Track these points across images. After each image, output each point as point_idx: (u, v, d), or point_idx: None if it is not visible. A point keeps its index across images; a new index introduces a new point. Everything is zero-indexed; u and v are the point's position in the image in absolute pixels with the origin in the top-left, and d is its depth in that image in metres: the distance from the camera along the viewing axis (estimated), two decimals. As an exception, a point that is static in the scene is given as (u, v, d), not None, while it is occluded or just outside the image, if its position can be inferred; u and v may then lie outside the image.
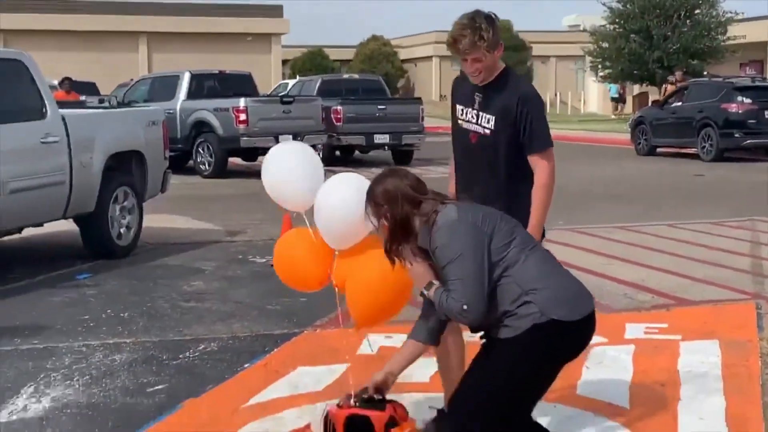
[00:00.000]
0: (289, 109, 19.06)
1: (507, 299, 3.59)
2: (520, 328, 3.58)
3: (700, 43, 35.10)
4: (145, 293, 8.21)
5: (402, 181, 3.82)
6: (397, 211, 3.75)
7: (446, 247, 3.61)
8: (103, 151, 9.56)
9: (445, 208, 3.71)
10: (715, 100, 21.99)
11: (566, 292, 3.61)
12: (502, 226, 3.66)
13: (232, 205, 14.36)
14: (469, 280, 3.55)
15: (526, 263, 3.60)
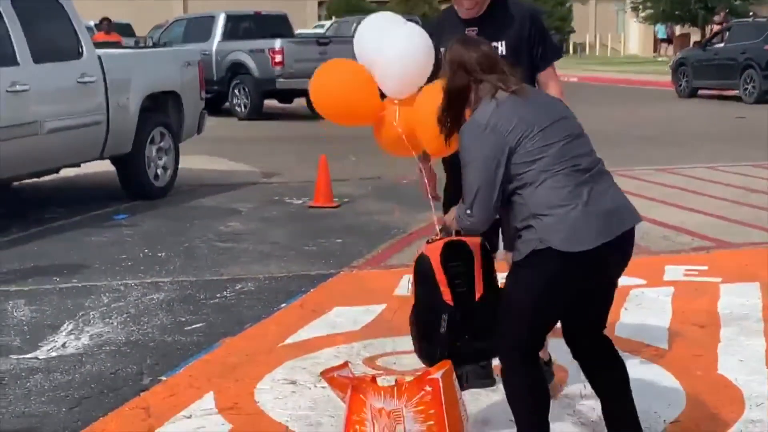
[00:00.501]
0: (325, 50, 18.89)
1: (517, 217, 3.50)
2: (521, 252, 3.50)
3: (744, -17, 34.44)
4: (182, 233, 8.24)
5: (468, 51, 3.65)
6: (452, 80, 3.63)
7: (464, 149, 3.53)
8: (140, 91, 9.55)
9: (488, 102, 3.54)
10: (758, 41, 21.55)
11: (573, 221, 3.39)
12: (536, 139, 3.44)
13: (267, 148, 14.34)
14: (474, 186, 3.48)
15: (540, 187, 3.42)
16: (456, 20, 4.41)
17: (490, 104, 3.52)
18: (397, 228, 8.43)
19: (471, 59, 3.61)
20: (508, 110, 3.49)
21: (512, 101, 3.52)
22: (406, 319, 4.00)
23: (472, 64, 3.60)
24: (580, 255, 3.40)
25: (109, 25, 20.35)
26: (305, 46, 19.30)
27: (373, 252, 7.57)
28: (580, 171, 3.47)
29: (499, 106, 3.51)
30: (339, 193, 9.81)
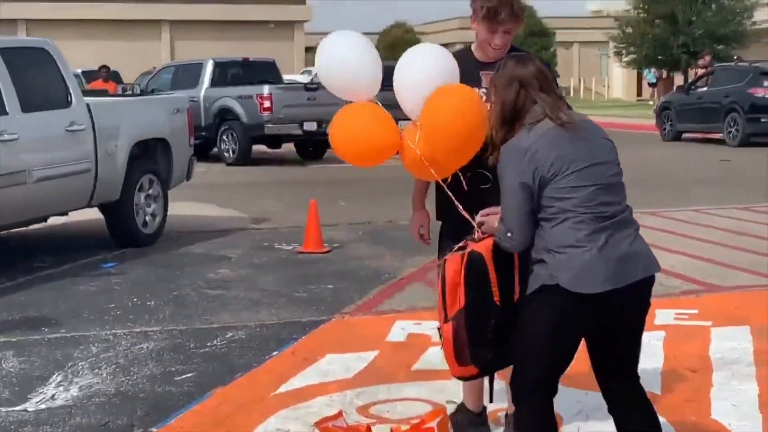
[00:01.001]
0: (313, 96, 18.98)
1: (537, 246, 3.54)
2: (532, 286, 3.55)
3: (726, 28, 34.77)
4: (171, 281, 8.20)
5: (525, 66, 3.67)
6: (507, 94, 3.64)
7: (502, 168, 3.57)
8: (129, 138, 9.55)
9: (533, 128, 3.56)
10: (741, 85, 21.76)
11: (584, 263, 3.43)
12: (569, 179, 3.48)
13: (256, 193, 14.35)
14: (513, 209, 3.53)
15: (559, 225, 3.48)
16: (472, 62, 4.40)
17: (535, 130, 3.55)
18: (388, 273, 8.42)
19: (528, 74, 3.64)
20: (550, 142, 3.52)
21: (556, 134, 3.54)
22: (398, 365, 3.99)
23: (529, 78, 3.63)
24: (588, 296, 3.43)
25: (107, 73, 20.36)
26: (294, 92, 19.39)
27: (365, 298, 7.55)
28: (603, 218, 3.50)
29: (543, 135, 3.53)
30: (329, 239, 9.81)
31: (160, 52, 48.76)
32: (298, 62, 49.64)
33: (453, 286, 3.76)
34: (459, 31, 64.10)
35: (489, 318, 3.71)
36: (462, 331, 3.75)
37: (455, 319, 3.76)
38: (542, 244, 3.51)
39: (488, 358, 3.76)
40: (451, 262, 3.78)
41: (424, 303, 7.30)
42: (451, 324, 3.76)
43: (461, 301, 3.73)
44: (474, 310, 3.72)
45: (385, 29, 65.03)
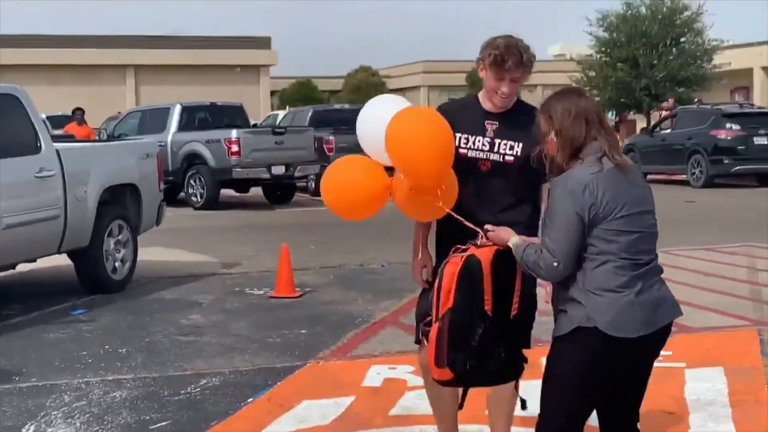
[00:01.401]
0: (281, 139, 19.05)
1: (569, 288, 3.59)
2: (564, 328, 3.60)
3: (687, 71, 35.22)
4: (142, 328, 8.13)
5: (586, 101, 3.73)
6: (572, 128, 3.65)
7: (557, 199, 3.59)
8: (98, 184, 9.50)
9: (593, 164, 3.60)
10: (704, 127, 22.07)
11: (622, 308, 3.53)
12: (618, 222, 3.56)
13: (226, 237, 14.29)
14: (563, 240, 3.54)
15: (600, 267, 3.56)
16: (478, 111, 4.39)
17: (594, 166, 3.60)
18: (361, 317, 8.40)
19: (592, 110, 3.69)
20: (608, 182, 3.58)
21: (614, 174, 3.61)
22: (376, 410, 3.97)
23: (593, 115, 3.68)
24: (623, 340, 3.52)
25: (82, 116, 20.25)
26: (261, 136, 19.44)
27: (339, 342, 7.52)
28: (639, 265, 3.61)
29: (601, 174, 3.59)
30: (300, 283, 9.78)
31: (125, 97, 48.72)
32: (264, 106, 49.73)
33: (447, 289, 3.76)
34: (423, 74, 64.65)
35: (475, 325, 3.71)
36: (445, 332, 3.74)
37: (442, 319, 3.76)
38: (580, 284, 3.57)
39: (467, 367, 3.74)
40: (450, 265, 3.79)
41: (399, 347, 7.29)
42: (438, 324, 3.76)
43: (450, 301, 3.74)
44: (460, 312, 3.72)
45: (350, 73, 65.32)
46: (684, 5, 35.85)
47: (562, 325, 3.63)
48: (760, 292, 9.38)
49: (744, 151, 21.64)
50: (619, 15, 36.19)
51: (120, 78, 49.84)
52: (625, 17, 36.01)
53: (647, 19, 35.56)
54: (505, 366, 3.84)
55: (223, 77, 49.37)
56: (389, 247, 12.76)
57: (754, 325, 7.91)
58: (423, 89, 64.88)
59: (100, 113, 37.10)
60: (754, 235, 13.24)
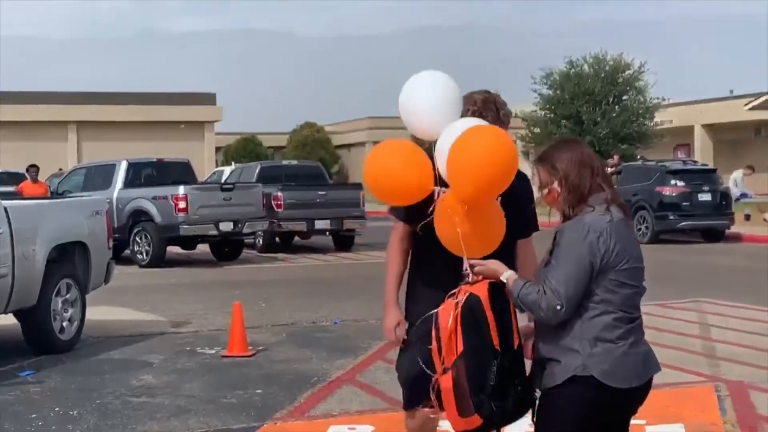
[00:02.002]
0: (229, 196, 18.91)
1: (565, 336, 3.61)
2: (558, 377, 3.61)
3: (629, 128, 35.80)
4: (92, 389, 7.92)
5: (591, 154, 3.77)
6: (578, 178, 3.68)
7: (568, 244, 3.61)
8: (47, 242, 9.31)
9: (605, 213, 3.64)
10: (649, 183, 22.38)
11: (618, 358, 3.59)
12: (623, 274, 3.62)
13: (173, 295, 14.07)
14: (571, 283, 3.56)
15: (599, 317, 3.60)
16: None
17: (606, 215, 3.64)
18: (316, 376, 8.27)
19: (597, 160, 3.75)
20: (620, 232, 3.64)
21: (623, 225, 3.68)
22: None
23: (597, 165, 3.74)
24: (616, 391, 3.57)
25: (36, 173, 19.95)
26: (209, 192, 19.30)
27: (296, 402, 7.38)
28: (633, 319, 3.68)
29: (613, 222, 3.63)
30: (252, 341, 9.63)
31: (67, 153, 48.22)
32: (209, 162, 49.50)
33: (448, 335, 3.70)
34: (369, 130, 64.93)
35: (490, 363, 3.65)
36: (462, 379, 3.67)
37: (454, 366, 3.68)
38: (577, 332, 3.59)
39: (493, 408, 3.67)
40: (444, 311, 3.74)
41: (358, 406, 7.19)
42: (450, 373, 3.68)
43: (459, 346, 3.67)
44: (473, 355, 3.67)
45: (295, 129, 65.46)
46: (626, 63, 36.54)
47: (556, 375, 3.63)
48: (713, 347, 9.43)
49: (688, 207, 21.97)
50: (562, 73, 36.78)
51: (62, 134, 49.31)
52: (568, 75, 36.60)
53: (590, 77, 36.18)
54: (523, 399, 3.78)
55: (167, 133, 49.07)
56: (340, 305, 12.68)
57: (710, 381, 7.92)
58: (368, 145, 65.14)
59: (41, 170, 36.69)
60: (702, 290, 13.37)
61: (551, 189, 3.75)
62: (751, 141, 45.75)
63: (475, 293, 3.71)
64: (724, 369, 8.39)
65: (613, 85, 36.20)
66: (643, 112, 36.38)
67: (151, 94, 51.64)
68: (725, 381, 7.89)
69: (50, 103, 47.92)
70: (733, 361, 8.67)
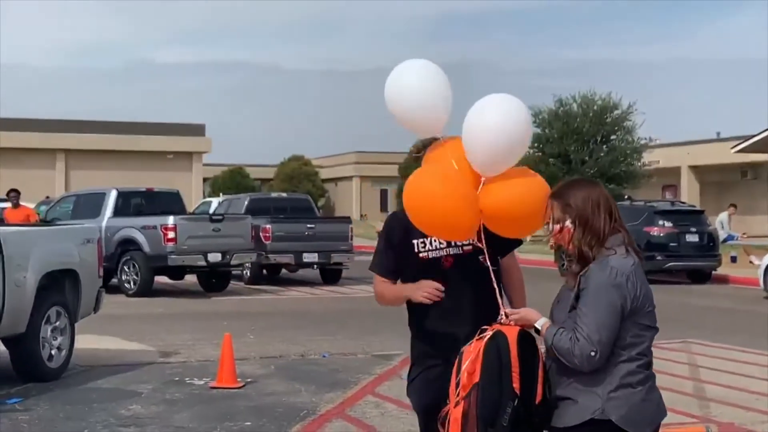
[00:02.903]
0: (218, 227, 18.91)
1: (584, 378, 3.58)
2: (575, 418, 3.57)
3: (617, 168, 35.98)
4: (81, 418, 7.87)
5: (608, 195, 3.74)
6: (596, 220, 3.66)
7: (596, 290, 3.56)
8: (38, 269, 9.28)
9: (626, 256, 3.61)
10: (637, 223, 22.41)
11: (636, 404, 3.58)
12: (647, 319, 3.63)
13: (161, 325, 14.01)
14: (604, 329, 3.53)
15: (623, 363, 3.57)
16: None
17: (629, 259, 3.61)
18: (306, 409, 8.24)
19: (611, 201, 3.72)
20: (642, 277, 3.62)
21: (640, 268, 3.64)
22: None
23: (614, 207, 3.70)
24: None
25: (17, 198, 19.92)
26: (198, 223, 19.29)
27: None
28: (650, 363, 3.70)
29: (635, 266, 3.61)
30: (241, 373, 9.59)
31: (54, 181, 48.13)
32: (196, 193, 49.49)
33: (471, 369, 3.65)
34: (356, 165, 65.10)
35: (506, 403, 3.59)
36: (473, 409, 3.61)
37: (467, 397, 3.63)
38: (599, 374, 3.56)
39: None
40: (468, 353, 3.71)
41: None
42: (462, 404, 3.64)
43: (476, 377, 3.63)
44: (489, 388, 3.61)
45: (282, 161, 65.59)
46: (614, 104, 36.77)
47: (570, 415, 3.60)
48: (703, 388, 9.44)
49: (676, 247, 22.05)
50: (551, 112, 36.98)
51: (50, 162, 49.25)
52: (557, 114, 36.80)
53: (579, 116, 36.38)
54: None
55: (155, 163, 49.10)
56: (328, 338, 12.66)
57: (701, 423, 7.92)
58: (355, 179, 65.30)
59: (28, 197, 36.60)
60: (690, 331, 13.39)
61: (563, 227, 3.72)
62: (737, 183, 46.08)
63: (503, 332, 3.69)
64: (714, 410, 8.40)
65: (601, 125, 36.41)
66: (630, 152, 36.57)
67: (141, 123, 51.69)
68: (716, 423, 7.90)
69: (39, 131, 47.88)
70: (723, 403, 8.68)
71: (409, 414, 8.09)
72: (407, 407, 8.32)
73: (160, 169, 48.68)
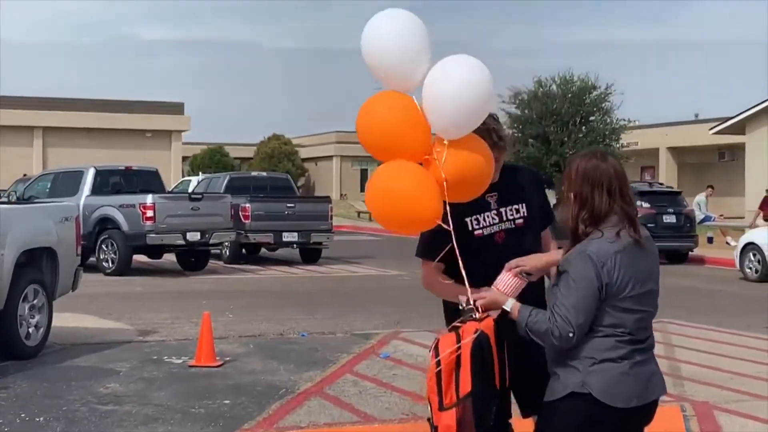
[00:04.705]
0: (197, 206, 18.86)
1: (569, 351, 3.60)
2: (557, 392, 3.62)
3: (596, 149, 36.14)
4: (59, 396, 7.86)
5: (616, 171, 3.65)
6: (592, 199, 3.63)
7: (575, 270, 3.57)
8: (15, 247, 9.25)
9: (613, 240, 3.58)
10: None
11: (617, 378, 3.57)
12: (630, 300, 3.59)
13: (139, 304, 13.99)
14: (580, 308, 3.54)
15: (604, 338, 3.58)
16: None
17: (615, 242, 3.58)
18: (285, 388, 8.26)
19: (614, 179, 3.64)
20: (624, 260, 3.58)
21: (633, 252, 3.61)
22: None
23: (614, 184, 3.63)
24: (614, 410, 3.56)
25: None
26: (177, 202, 19.22)
27: (264, 414, 7.37)
28: (639, 341, 3.66)
29: (622, 252, 3.58)
30: (220, 352, 9.60)
31: (32, 159, 47.83)
32: (175, 172, 49.31)
33: (449, 369, 3.66)
34: (336, 144, 65.01)
35: (491, 404, 3.69)
36: (468, 416, 3.66)
37: (460, 404, 3.66)
38: (579, 350, 3.58)
39: None
40: (445, 344, 3.70)
41: (327, 419, 7.20)
42: (455, 411, 3.66)
43: (467, 385, 3.65)
44: (481, 396, 3.67)
45: (263, 141, 65.41)
46: (593, 84, 36.84)
47: (555, 390, 3.65)
48: (678, 368, 9.52)
49: (653, 228, 22.09)
50: (530, 93, 37.01)
51: (27, 140, 48.94)
52: (536, 95, 36.83)
53: (558, 98, 36.43)
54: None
55: (133, 141, 48.90)
56: (307, 317, 12.67)
57: (676, 401, 7.99)
58: (336, 159, 65.23)
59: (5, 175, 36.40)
60: (667, 311, 13.36)
61: (568, 197, 3.71)
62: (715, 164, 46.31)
63: (485, 331, 3.69)
64: (689, 389, 8.47)
65: (580, 106, 36.48)
66: (609, 133, 36.68)
67: (119, 101, 51.42)
68: (691, 401, 7.97)
69: (16, 108, 47.53)
70: (698, 382, 8.76)
71: (387, 392, 8.14)
72: (385, 386, 8.38)
73: (139, 147, 48.49)
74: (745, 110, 37.01)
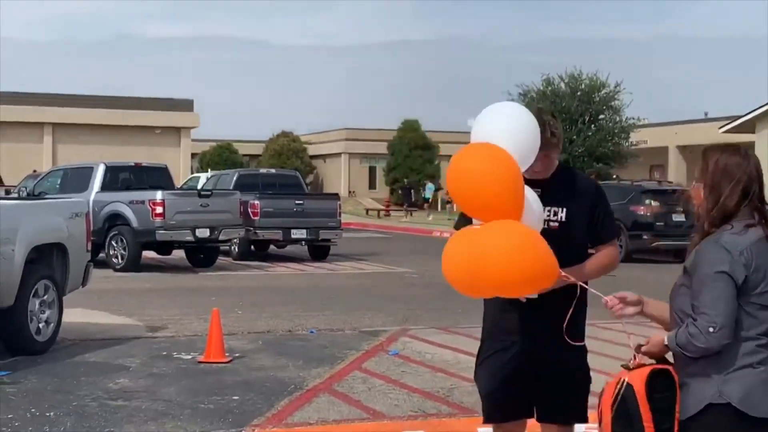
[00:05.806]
0: (206, 202, 18.90)
1: (701, 360, 3.38)
2: (692, 406, 3.37)
3: (605, 147, 36.11)
4: (69, 391, 7.89)
5: (756, 171, 3.47)
6: (729, 197, 3.46)
7: (708, 262, 3.40)
8: (26, 243, 9.28)
9: (746, 231, 3.42)
10: (624, 203, 22.51)
11: (758, 385, 3.36)
12: (764, 296, 3.39)
13: (148, 300, 14.04)
14: (720, 301, 3.34)
15: (742, 343, 3.37)
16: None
17: (746, 234, 3.41)
18: (293, 384, 8.29)
19: (754, 179, 3.47)
20: (759, 253, 3.40)
21: (764, 245, 3.42)
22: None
23: (754, 185, 3.47)
24: (754, 420, 3.33)
25: None
26: (187, 198, 19.27)
27: (273, 410, 7.39)
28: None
29: (756, 244, 3.40)
30: (229, 348, 9.63)
31: (42, 155, 47.97)
32: (184, 168, 49.40)
33: (603, 414, 3.49)
34: (346, 141, 65.01)
35: None
36: None
37: None
38: (714, 358, 3.36)
39: None
40: (608, 387, 3.53)
41: (335, 415, 7.23)
42: None
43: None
44: None
45: (271, 138, 65.46)
46: (601, 83, 36.84)
47: (687, 405, 3.41)
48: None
49: (662, 227, 22.13)
50: (539, 91, 37.03)
51: (37, 136, 49.09)
52: (545, 93, 36.90)
53: (566, 96, 36.45)
54: None
55: (143, 138, 49.00)
56: (316, 314, 12.70)
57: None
58: (344, 156, 65.24)
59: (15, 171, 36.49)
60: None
61: (696, 188, 3.56)
62: (724, 164, 46.17)
63: (630, 383, 3.45)
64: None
65: (589, 104, 36.53)
66: (618, 131, 36.68)
67: (129, 98, 51.54)
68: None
69: (27, 104, 47.68)
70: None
71: (395, 389, 8.16)
72: (394, 383, 8.40)
73: (148, 143, 48.59)
74: (756, 109, 36.91)
